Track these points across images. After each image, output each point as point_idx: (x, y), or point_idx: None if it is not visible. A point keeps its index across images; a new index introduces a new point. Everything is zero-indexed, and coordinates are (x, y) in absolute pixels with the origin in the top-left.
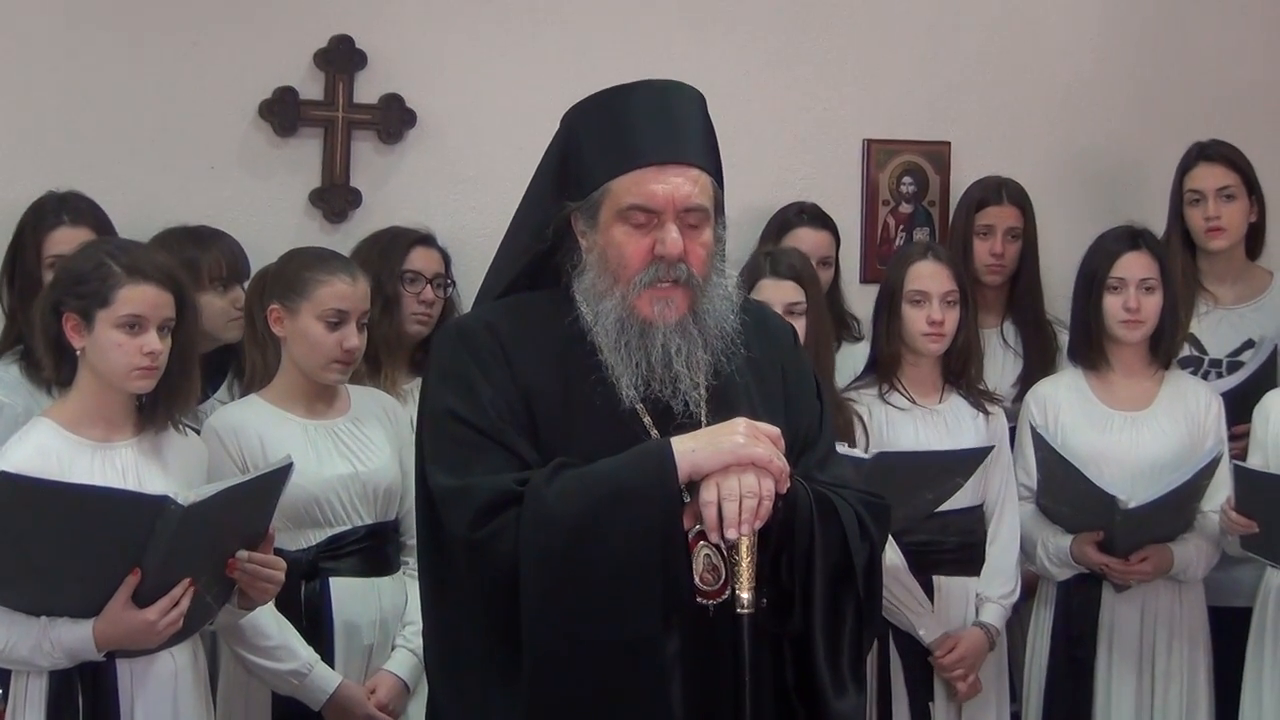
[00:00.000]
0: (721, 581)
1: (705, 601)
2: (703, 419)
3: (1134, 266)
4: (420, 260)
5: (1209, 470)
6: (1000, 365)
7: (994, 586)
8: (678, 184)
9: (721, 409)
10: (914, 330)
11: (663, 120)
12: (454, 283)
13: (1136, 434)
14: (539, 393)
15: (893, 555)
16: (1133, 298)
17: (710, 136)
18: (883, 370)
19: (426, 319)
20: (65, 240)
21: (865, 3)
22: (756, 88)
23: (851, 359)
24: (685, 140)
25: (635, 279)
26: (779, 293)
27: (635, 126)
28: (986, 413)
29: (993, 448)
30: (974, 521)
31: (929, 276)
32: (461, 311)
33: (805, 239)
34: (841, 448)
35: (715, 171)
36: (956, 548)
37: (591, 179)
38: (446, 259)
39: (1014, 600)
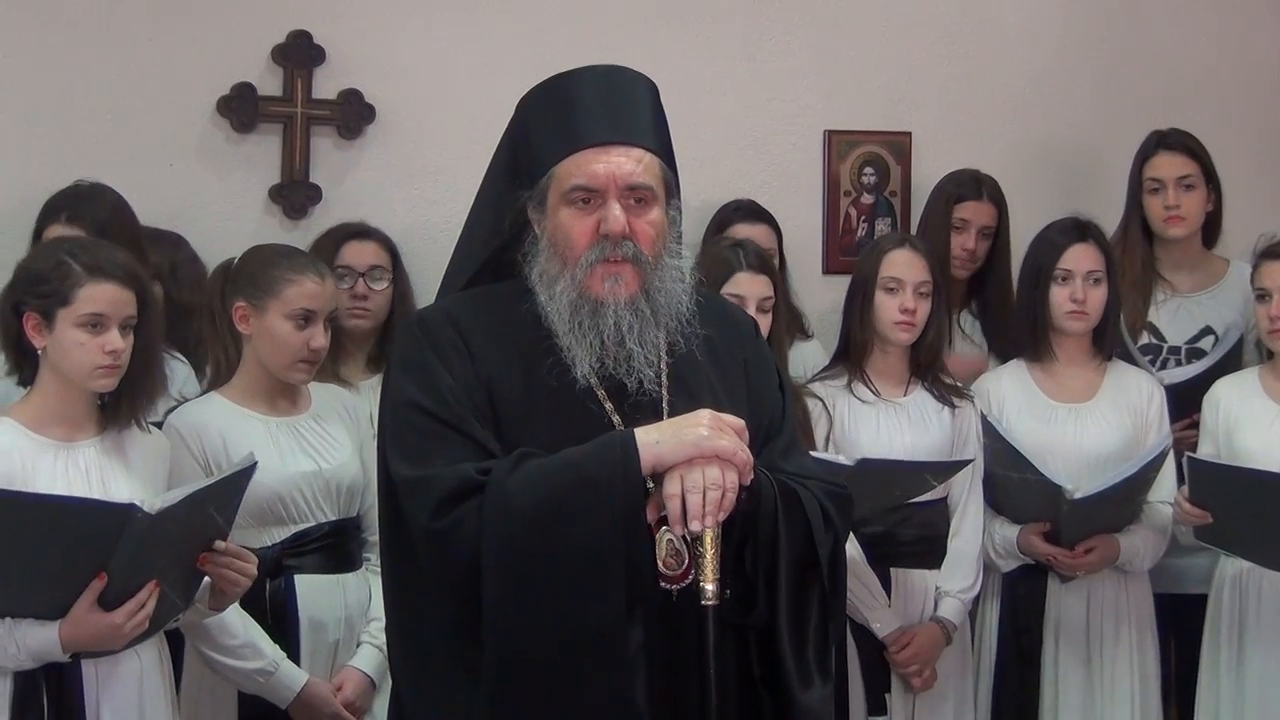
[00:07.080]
0: (684, 566)
1: (668, 586)
2: (664, 404)
3: (1081, 259)
4: (352, 254)
5: (1157, 463)
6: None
7: (954, 581)
8: (619, 163)
9: (684, 395)
10: (885, 318)
11: (607, 102)
12: (395, 273)
13: (1080, 425)
14: (500, 382)
15: (850, 548)
16: (1079, 289)
17: (659, 119)
18: (852, 359)
19: (361, 313)
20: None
21: None
22: (716, 81)
23: (801, 356)
24: (629, 121)
25: (582, 259)
26: (755, 286)
27: (579, 110)
28: (953, 406)
29: (971, 461)
30: (936, 515)
31: (905, 265)
32: (415, 302)
33: (744, 235)
34: (821, 454)
35: (664, 153)
36: (916, 540)
37: (539, 166)
38: (393, 251)
39: (973, 594)
